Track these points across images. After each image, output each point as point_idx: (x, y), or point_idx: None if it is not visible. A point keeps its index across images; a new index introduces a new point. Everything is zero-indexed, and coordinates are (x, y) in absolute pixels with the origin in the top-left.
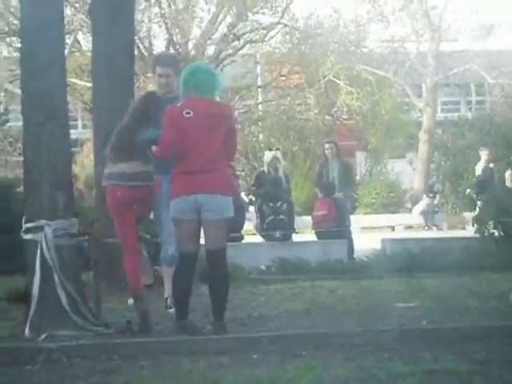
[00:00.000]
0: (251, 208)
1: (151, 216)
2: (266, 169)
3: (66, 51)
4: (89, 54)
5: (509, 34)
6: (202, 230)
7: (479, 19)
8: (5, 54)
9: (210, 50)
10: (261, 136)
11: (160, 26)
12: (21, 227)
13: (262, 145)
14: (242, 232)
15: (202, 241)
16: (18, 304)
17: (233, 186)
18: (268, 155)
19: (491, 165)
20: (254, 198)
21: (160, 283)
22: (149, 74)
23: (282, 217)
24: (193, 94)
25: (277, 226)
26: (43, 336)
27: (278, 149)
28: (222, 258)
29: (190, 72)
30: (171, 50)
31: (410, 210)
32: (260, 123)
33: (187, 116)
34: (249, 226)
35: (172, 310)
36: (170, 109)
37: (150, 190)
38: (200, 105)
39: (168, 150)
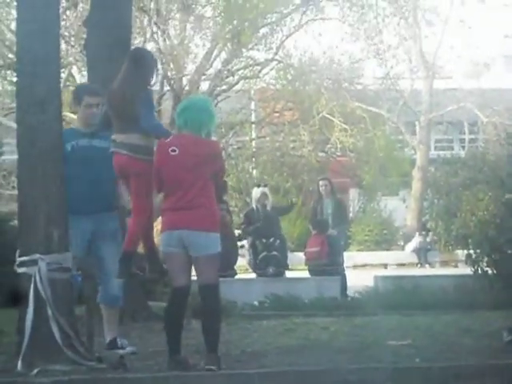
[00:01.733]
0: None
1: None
2: (254, 205)
3: (61, 85)
4: None
5: (502, 73)
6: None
7: (473, 57)
8: None
9: (205, 86)
10: (254, 172)
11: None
12: (14, 261)
13: (255, 181)
14: (235, 268)
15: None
16: (10, 337)
17: (224, 221)
18: (256, 192)
19: None
20: (243, 235)
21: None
22: None
23: (274, 253)
24: (184, 131)
25: (270, 262)
26: (36, 370)
27: (265, 185)
28: (213, 294)
29: (182, 108)
30: (166, 85)
31: (403, 248)
32: (254, 159)
33: (172, 154)
34: (242, 261)
35: (122, 351)
36: (159, 143)
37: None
38: (187, 143)
39: (159, 186)
